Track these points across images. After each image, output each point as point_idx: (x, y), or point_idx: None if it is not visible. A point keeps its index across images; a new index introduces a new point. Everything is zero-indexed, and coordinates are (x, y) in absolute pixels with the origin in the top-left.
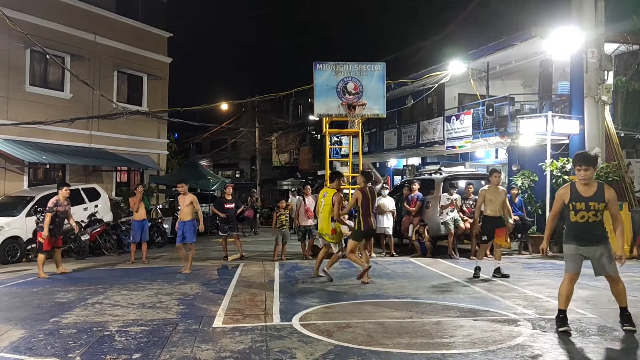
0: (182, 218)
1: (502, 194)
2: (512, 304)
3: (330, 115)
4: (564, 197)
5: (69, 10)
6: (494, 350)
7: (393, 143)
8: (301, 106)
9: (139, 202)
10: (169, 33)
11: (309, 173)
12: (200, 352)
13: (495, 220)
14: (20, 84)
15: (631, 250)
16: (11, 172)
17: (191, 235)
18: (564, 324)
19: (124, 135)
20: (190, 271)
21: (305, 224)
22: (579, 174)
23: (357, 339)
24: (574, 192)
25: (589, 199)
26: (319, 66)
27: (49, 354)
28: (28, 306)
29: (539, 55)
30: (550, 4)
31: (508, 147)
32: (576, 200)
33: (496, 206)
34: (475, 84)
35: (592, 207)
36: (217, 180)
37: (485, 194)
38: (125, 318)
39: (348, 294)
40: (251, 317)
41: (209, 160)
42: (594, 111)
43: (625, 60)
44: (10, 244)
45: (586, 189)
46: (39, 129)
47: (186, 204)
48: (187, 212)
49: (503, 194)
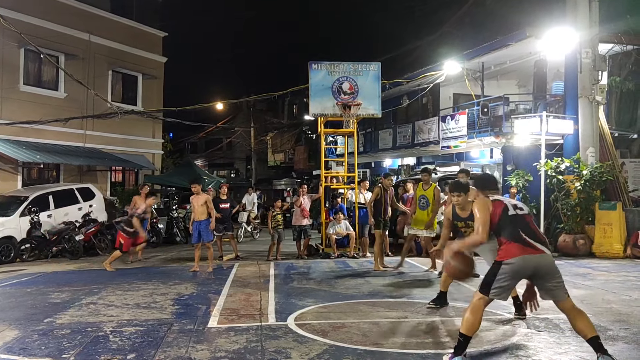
0: (197, 218)
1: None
2: (506, 304)
3: (326, 115)
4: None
5: (64, 10)
6: (489, 349)
7: (388, 143)
8: (296, 106)
9: (143, 201)
10: (163, 32)
11: (305, 173)
12: (195, 352)
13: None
14: (14, 83)
15: (625, 250)
16: (5, 171)
17: (208, 234)
18: (437, 303)
19: (118, 135)
20: (211, 269)
21: (300, 223)
22: (453, 199)
23: (352, 339)
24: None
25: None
26: (314, 66)
27: (43, 354)
28: (22, 306)
29: (534, 55)
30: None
31: (503, 147)
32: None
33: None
34: (470, 84)
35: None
36: (212, 179)
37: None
38: (120, 318)
39: (343, 294)
40: (246, 317)
41: (204, 159)
42: (588, 111)
43: (619, 60)
44: (4, 244)
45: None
46: (33, 129)
47: (200, 203)
48: (202, 212)
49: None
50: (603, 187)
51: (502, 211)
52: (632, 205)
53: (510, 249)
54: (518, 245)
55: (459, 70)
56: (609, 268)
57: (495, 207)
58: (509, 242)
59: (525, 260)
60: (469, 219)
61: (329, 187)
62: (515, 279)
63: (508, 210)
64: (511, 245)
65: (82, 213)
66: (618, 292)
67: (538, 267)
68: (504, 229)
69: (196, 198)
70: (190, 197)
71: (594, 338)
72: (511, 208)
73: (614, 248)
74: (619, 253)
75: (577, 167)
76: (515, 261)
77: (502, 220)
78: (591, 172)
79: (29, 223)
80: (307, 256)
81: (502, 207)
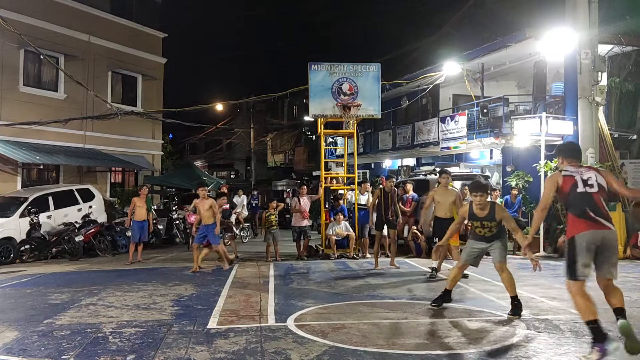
0: (205, 222)
1: (451, 195)
2: (506, 305)
3: (325, 116)
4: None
5: (63, 10)
6: (489, 350)
7: (388, 144)
8: (296, 107)
9: (143, 202)
10: (163, 33)
11: (304, 173)
12: (194, 353)
13: (446, 222)
14: (14, 84)
15: (625, 251)
16: (5, 172)
17: (216, 238)
18: (441, 302)
19: (118, 136)
20: (226, 269)
21: (300, 224)
22: (475, 199)
23: (352, 340)
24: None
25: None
26: (314, 67)
27: (43, 355)
28: (21, 307)
29: (533, 56)
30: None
31: (502, 147)
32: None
33: (446, 207)
34: (469, 85)
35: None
36: (212, 180)
37: (434, 196)
38: (120, 319)
39: (343, 295)
40: (246, 318)
41: (203, 160)
42: (587, 112)
43: (619, 61)
44: (3, 245)
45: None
46: (32, 130)
47: (205, 208)
48: (209, 216)
49: (453, 195)
50: None
51: (571, 187)
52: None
53: (579, 225)
54: (585, 221)
55: (458, 71)
56: None
57: (565, 182)
58: (577, 219)
59: (593, 234)
60: (485, 219)
61: (328, 188)
62: (589, 250)
63: (577, 187)
64: (579, 221)
65: (82, 214)
66: None
67: (604, 240)
68: (571, 205)
69: (202, 202)
70: (196, 201)
71: (617, 309)
72: (580, 185)
73: None
74: (619, 254)
75: None
76: (584, 234)
77: (570, 196)
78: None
79: (29, 224)
80: (306, 257)
81: (571, 183)
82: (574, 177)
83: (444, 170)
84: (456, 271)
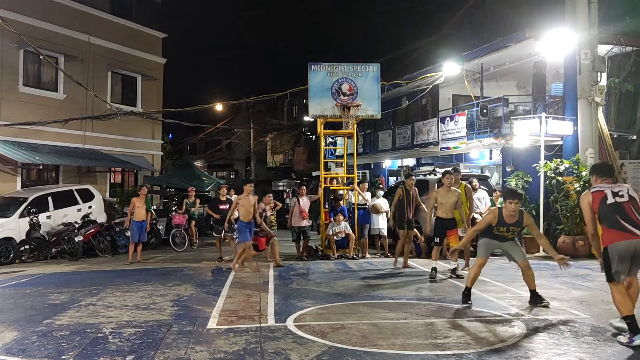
0: (245, 219)
1: (453, 195)
2: (506, 305)
3: (325, 116)
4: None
5: (63, 11)
6: (488, 351)
7: (388, 144)
8: (296, 107)
9: (142, 203)
10: (163, 34)
11: (304, 174)
12: (194, 353)
13: (447, 222)
14: (13, 84)
15: None
16: (4, 172)
17: (246, 235)
18: (468, 300)
19: (118, 136)
20: (237, 270)
21: (300, 224)
22: (511, 206)
23: (351, 340)
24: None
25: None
26: (313, 67)
27: (42, 355)
28: (21, 308)
29: (533, 56)
30: (544, 6)
31: (502, 148)
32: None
33: (447, 208)
34: (469, 85)
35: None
36: (212, 181)
37: (437, 196)
38: (119, 319)
39: (343, 295)
40: (245, 318)
41: (203, 160)
42: (587, 112)
43: (619, 61)
44: (3, 245)
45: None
46: (32, 130)
47: (250, 205)
48: (249, 213)
49: (455, 195)
50: None
51: (601, 200)
52: None
53: (611, 236)
54: (617, 231)
55: (458, 71)
56: None
57: (595, 197)
58: (609, 230)
59: (627, 244)
60: (512, 225)
61: (328, 188)
62: (623, 260)
63: (607, 199)
64: (611, 232)
65: (82, 214)
66: None
67: (638, 249)
68: (603, 217)
69: (246, 199)
70: (237, 197)
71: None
72: (610, 196)
73: None
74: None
75: (577, 168)
76: (617, 245)
77: (601, 208)
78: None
79: (28, 224)
80: (306, 257)
81: (601, 197)
82: (604, 190)
83: (447, 171)
84: (476, 269)
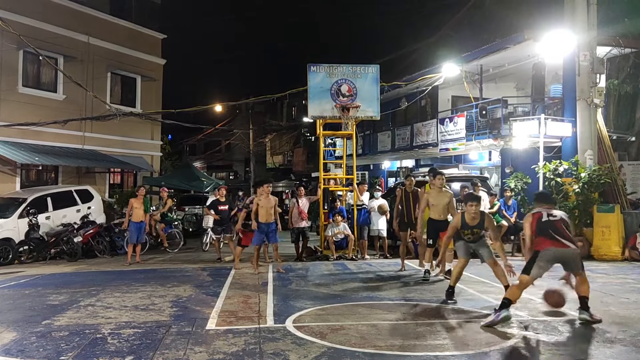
0: (265, 220)
1: (445, 197)
2: None
3: (324, 117)
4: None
5: (62, 11)
6: (487, 351)
7: (387, 145)
8: (295, 108)
9: (140, 204)
10: (162, 34)
11: (303, 175)
12: (193, 354)
13: (439, 224)
14: (12, 85)
15: (623, 252)
16: (3, 173)
17: (275, 237)
18: (451, 297)
19: (117, 137)
20: (257, 272)
21: (299, 225)
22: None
23: (350, 341)
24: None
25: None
26: (312, 68)
27: (41, 356)
28: (20, 308)
29: (532, 58)
30: (543, 8)
31: (501, 149)
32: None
33: (439, 209)
34: (468, 87)
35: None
36: (211, 181)
37: (428, 198)
38: (118, 320)
39: (342, 296)
40: (244, 319)
41: (202, 161)
42: (586, 114)
43: (618, 63)
44: (2, 246)
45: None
46: (31, 130)
47: (271, 205)
48: (270, 214)
49: (447, 197)
50: (601, 190)
51: (538, 219)
52: (630, 208)
53: (544, 244)
54: (549, 240)
55: (457, 72)
56: (607, 270)
57: (534, 217)
58: (543, 239)
59: (555, 250)
60: (475, 227)
61: (327, 189)
62: (548, 262)
63: (542, 218)
64: (544, 241)
65: (81, 215)
66: (616, 295)
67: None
68: (539, 231)
69: (267, 199)
70: (255, 199)
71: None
72: (545, 216)
73: (612, 250)
74: (617, 256)
75: (576, 169)
76: (546, 250)
77: (538, 225)
78: (589, 174)
79: (27, 225)
80: (305, 258)
81: (538, 217)
82: (541, 212)
83: (437, 172)
84: (459, 269)
